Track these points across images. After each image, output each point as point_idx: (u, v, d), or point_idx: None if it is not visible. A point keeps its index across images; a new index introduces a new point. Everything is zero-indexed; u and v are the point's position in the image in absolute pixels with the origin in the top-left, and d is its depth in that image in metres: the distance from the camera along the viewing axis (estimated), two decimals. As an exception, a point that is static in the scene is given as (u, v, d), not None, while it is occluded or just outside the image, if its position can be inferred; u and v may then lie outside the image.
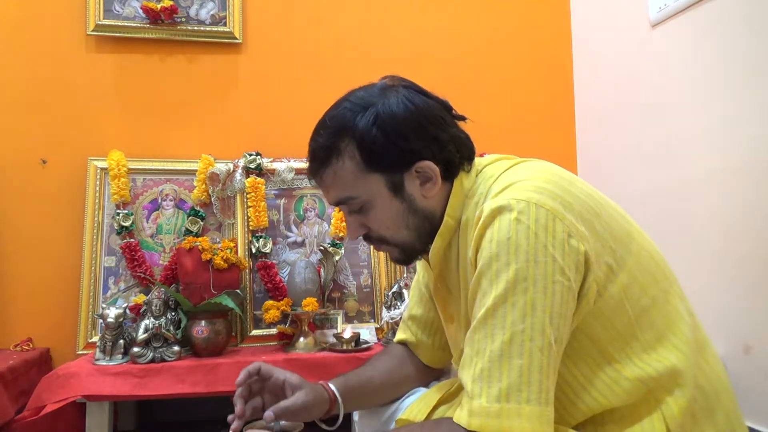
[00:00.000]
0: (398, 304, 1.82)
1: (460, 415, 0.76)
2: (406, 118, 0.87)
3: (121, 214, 1.90)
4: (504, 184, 0.85)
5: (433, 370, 1.13)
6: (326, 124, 0.90)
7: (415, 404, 1.02)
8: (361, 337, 1.77)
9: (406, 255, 0.95)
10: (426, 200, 0.90)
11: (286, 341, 1.82)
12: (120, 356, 1.62)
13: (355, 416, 1.19)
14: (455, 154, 0.90)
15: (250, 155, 2.00)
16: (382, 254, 2.00)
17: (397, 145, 0.87)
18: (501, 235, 0.77)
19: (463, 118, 0.94)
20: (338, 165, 0.88)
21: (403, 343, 1.14)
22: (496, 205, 0.79)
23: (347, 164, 0.88)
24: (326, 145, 0.88)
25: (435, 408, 0.99)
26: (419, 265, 1.12)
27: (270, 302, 1.84)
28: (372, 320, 1.96)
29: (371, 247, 2.00)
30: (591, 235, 0.80)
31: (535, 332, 0.74)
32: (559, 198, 0.80)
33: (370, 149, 0.86)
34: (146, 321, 1.64)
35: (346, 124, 0.88)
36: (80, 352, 1.80)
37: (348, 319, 1.95)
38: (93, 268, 1.87)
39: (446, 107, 0.93)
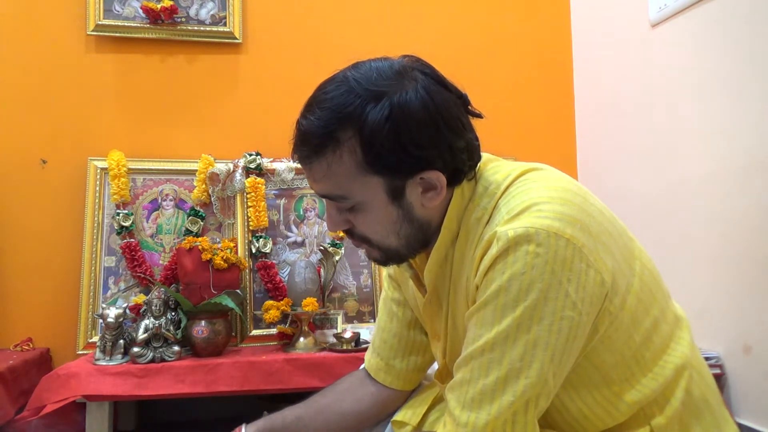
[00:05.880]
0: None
1: None
2: (424, 119, 0.75)
3: (121, 214, 1.90)
4: (518, 205, 0.76)
5: (403, 393, 1.04)
6: (326, 104, 0.77)
7: (409, 405, 1.02)
8: (361, 337, 1.77)
9: (387, 258, 0.86)
10: (424, 210, 0.81)
11: (286, 341, 1.82)
12: (120, 356, 1.62)
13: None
14: (466, 162, 0.80)
15: (250, 155, 2.01)
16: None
17: (408, 151, 0.75)
18: (516, 269, 0.71)
19: (479, 116, 0.83)
20: (334, 158, 0.76)
21: (367, 370, 1.04)
22: (513, 234, 0.72)
23: (345, 160, 0.76)
24: (323, 132, 0.76)
25: (430, 408, 0.99)
26: (386, 280, 1.06)
27: (270, 302, 1.84)
28: (372, 320, 1.96)
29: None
30: (609, 260, 0.76)
31: (532, 370, 0.71)
32: (579, 223, 0.74)
33: (377, 150, 0.74)
34: (146, 321, 1.64)
35: (353, 112, 0.75)
36: (80, 352, 1.80)
37: (348, 319, 1.95)
38: (93, 268, 1.87)
39: (464, 102, 0.83)
